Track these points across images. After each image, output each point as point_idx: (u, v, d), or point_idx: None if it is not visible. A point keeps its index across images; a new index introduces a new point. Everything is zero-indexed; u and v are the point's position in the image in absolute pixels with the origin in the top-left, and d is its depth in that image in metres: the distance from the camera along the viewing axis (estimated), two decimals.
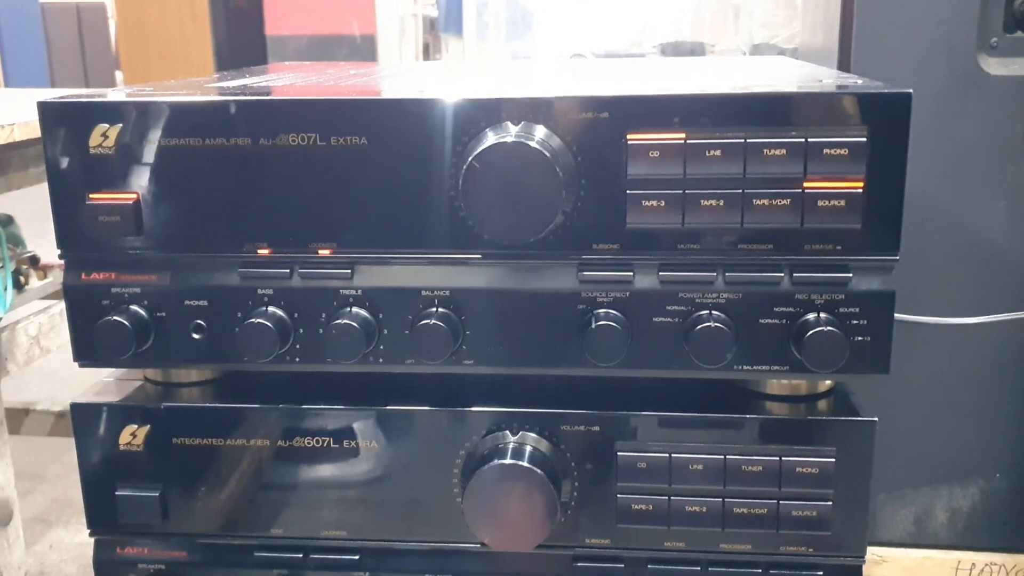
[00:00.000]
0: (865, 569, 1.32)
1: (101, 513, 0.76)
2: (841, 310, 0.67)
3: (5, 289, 1.28)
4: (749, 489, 0.71)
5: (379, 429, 0.74)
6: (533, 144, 0.64)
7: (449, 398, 0.74)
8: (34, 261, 1.42)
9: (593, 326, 0.68)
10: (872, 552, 1.30)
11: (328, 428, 0.74)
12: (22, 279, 1.37)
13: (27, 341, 1.31)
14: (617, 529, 0.73)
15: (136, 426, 0.74)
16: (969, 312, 1.17)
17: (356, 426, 0.74)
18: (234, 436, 0.74)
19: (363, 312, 0.70)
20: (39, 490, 1.86)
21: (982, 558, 1.26)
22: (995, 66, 1.15)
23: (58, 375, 2.36)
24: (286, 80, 0.86)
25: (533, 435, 0.72)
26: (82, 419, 0.75)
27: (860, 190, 0.65)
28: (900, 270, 0.67)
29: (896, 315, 1.17)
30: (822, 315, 0.67)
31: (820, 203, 0.65)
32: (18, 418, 1.70)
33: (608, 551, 0.73)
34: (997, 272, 1.17)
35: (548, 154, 0.64)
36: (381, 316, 0.71)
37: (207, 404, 0.75)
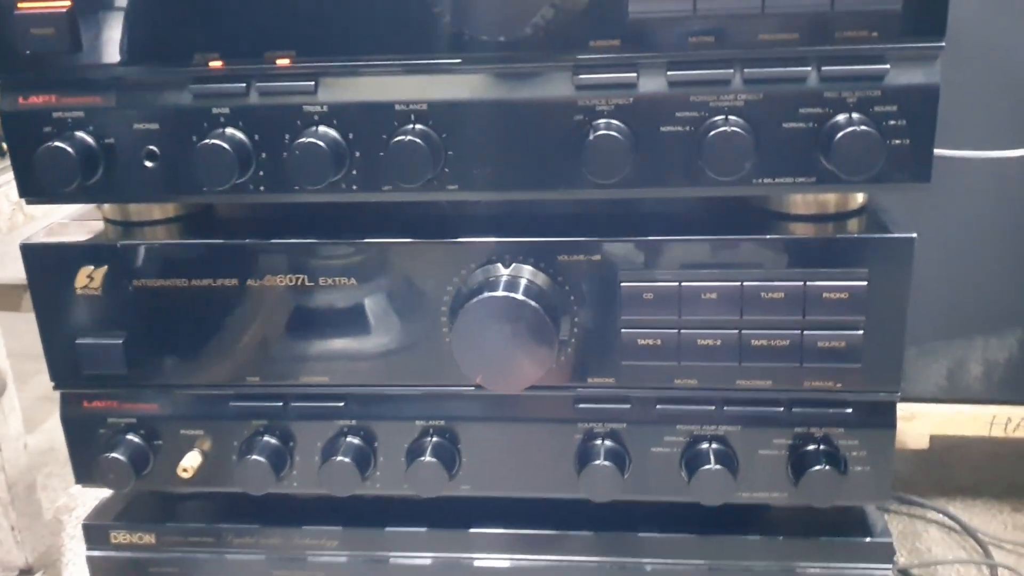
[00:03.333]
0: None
1: (64, 365, 0.71)
2: (877, 109, 0.58)
3: None
4: (769, 319, 0.63)
5: (358, 265, 0.67)
6: None
7: (434, 228, 0.67)
8: None
9: (592, 137, 0.60)
10: (901, 408, 1.23)
11: (303, 264, 0.67)
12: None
13: (9, 207, 1.25)
14: (622, 367, 0.66)
15: (92, 267, 0.68)
16: (1008, 145, 1.07)
17: (333, 262, 0.67)
18: (200, 276, 0.67)
19: (331, 131, 0.62)
20: (46, 370, 1.83)
21: (1018, 412, 1.19)
22: None
23: None
24: None
25: (528, 267, 0.65)
26: (35, 261, 0.69)
27: None
28: None
29: None
30: (855, 115, 0.58)
31: None
32: (16, 294, 1.65)
33: (613, 391, 0.67)
34: None
35: None
36: (351, 136, 0.63)
37: (167, 241, 0.68)
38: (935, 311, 1.18)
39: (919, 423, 1.23)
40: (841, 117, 0.58)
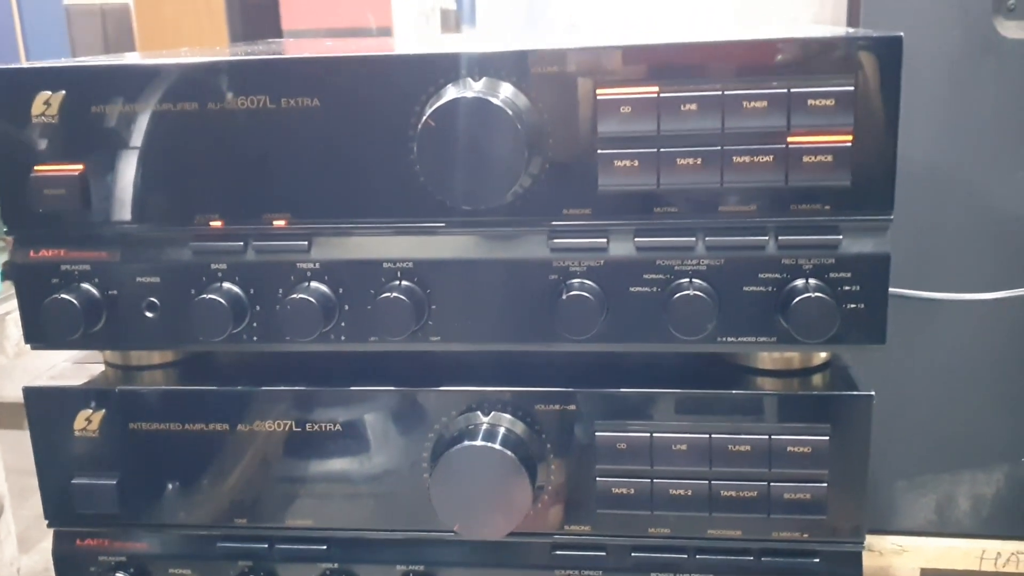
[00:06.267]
0: (885, 559, 1.26)
1: (58, 503, 0.73)
2: (831, 275, 0.62)
3: None
4: (737, 470, 0.66)
5: (344, 411, 0.69)
6: (495, 101, 0.59)
7: (416, 377, 0.70)
8: None
9: (565, 297, 0.63)
10: (892, 541, 1.24)
11: (290, 411, 0.70)
12: None
13: (18, 333, 1.29)
14: (597, 515, 0.68)
15: (91, 411, 0.71)
16: (988, 287, 1.11)
17: (320, 408, 0.70)
18: (192, 420, 0.70)
19: (322, 287, 0.66)
20: None
21: (1008, 547, 1.20)
22: (1012, 29, 1.08)
23: None
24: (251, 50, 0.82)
25: (507, 415, 0.68)
26: (36, 404, 0.72)
27: (848, 144, 0.59)
28: (914, 246, 0.62)
29: (912, 291, 1.11)
30: (811, 281, 0.62)
31: (806, 159, 0.60)
32: (20, 413, 1.68)
33: (589, 538, 0.69)
34: (1016, 245, 1.11)
35: (511, 111, 0.59)
36: (341, 291, 0.66)
37: (162, 387, 0.71)
38: (923, 446, 1.19)
39: (909, 557, 1.23)
40: (798, 282, 0.62)
